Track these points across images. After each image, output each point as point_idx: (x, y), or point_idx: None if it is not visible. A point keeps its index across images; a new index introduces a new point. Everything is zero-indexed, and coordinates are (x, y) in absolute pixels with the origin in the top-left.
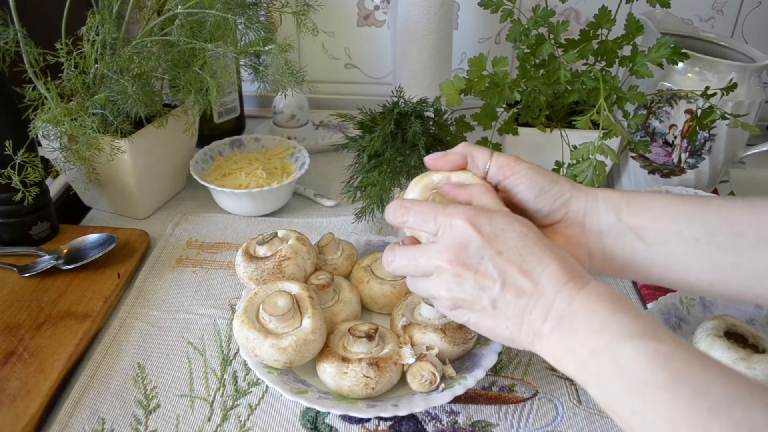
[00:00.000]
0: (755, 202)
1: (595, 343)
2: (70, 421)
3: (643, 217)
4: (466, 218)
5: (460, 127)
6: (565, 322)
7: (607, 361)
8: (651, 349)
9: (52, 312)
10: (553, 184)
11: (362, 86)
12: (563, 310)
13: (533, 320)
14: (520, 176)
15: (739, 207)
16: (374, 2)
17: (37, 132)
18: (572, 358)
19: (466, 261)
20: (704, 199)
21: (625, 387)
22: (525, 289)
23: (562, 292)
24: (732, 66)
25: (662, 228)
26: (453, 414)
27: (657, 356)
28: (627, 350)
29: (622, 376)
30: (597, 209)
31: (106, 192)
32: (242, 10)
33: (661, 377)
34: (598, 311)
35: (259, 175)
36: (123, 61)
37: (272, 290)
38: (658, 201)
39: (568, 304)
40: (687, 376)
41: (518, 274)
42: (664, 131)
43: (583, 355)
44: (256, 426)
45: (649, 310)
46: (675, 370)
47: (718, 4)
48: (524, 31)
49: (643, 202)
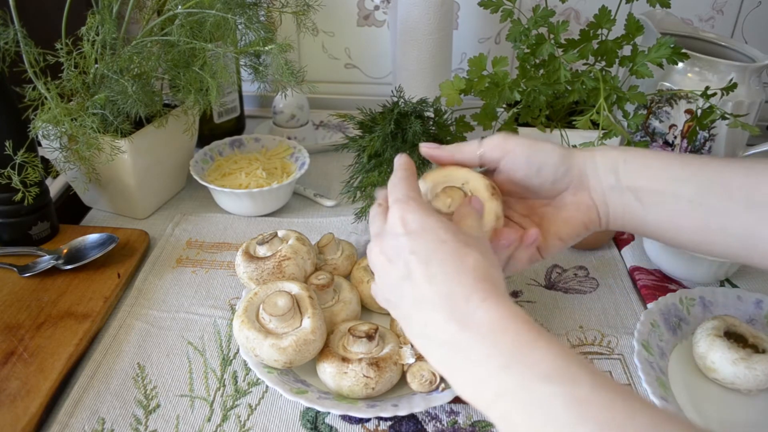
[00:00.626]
0: (752, 165)
1: (499, 383)
2: (70, 421)
3: (640, 177)
4: (398, 213)
5: (460, 127)
6: (462, 351)
7: (515, 408)
8: (567, 395)
9: (52, 312)
10: (547, 156)
11: (362, 86)
12: (458, 335)
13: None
14: (513, 156)
15: (735, 169)
16: (374, 2)
17: (37, 132)
18: (476, 395)
19: (386, 251)
20: (702, 161)
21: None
22: (424, 295)
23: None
24: (732, 66)
25: (658, 189)
26: (453, 414)
27: (574, 404)
28: (538, 396)
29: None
30: (596, 171)
31: (106, 192)
32: (242, 10)
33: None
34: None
35: (259, 175)
36: (123, 61)
37: (272, 290)
38: (657, 159)
39: (462, 330)
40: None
41: (422, 278)
42: (664, 131)
43: (487, 394)
44: (256, 426)
45: (649, 310)
46: (598, 421)
47: (718, 4)
48: (524, 31)
49: (640, 161)
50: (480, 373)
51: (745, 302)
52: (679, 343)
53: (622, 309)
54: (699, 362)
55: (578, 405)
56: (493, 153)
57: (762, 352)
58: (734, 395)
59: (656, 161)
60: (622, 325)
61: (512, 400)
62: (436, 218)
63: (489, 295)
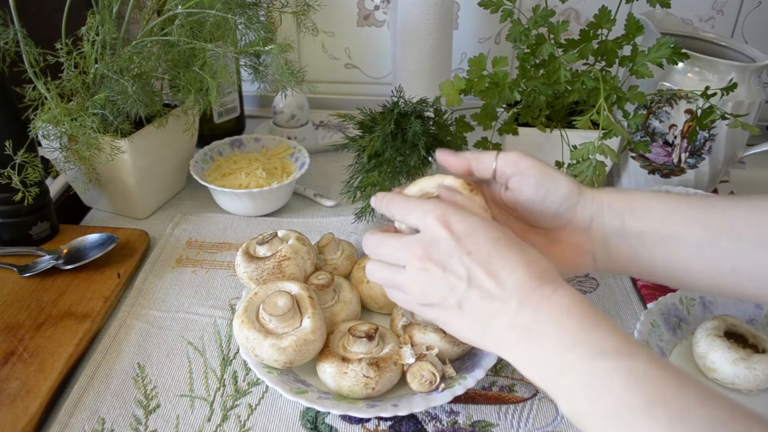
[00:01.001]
0: (758, 203)
1: (564, 360)
2: (70, 421)
3: (646, 221)
4: (439, 215)
5: (460, 127)
6: (533, 334)
7: (577, 381)
8: (624, 369)
9: (52, 312)
10: (558, 187)
11: (362, 86)
12: (530, 320)
13: (498, 326)
14: (525, 176)
15: (742, 209)
16: (374, 2)
17: (37, 132)
18: (541, 373)
19: (434, 257)
20: (708, 202)
21: (597, 410)
22: (491, 291)
23: (530, 299)
24: (732, 66)
25: (665, 233)
26: (453, 414)
27: (631, 376)
28: (598, 369)
29: (594, 397)
30: (602, 215)
31: (106, 192)
32: (242, 10)
33: (636, 401)
34: (568, 324)
35: (259, 175)
36: (123, 61)
37: (272, 290)
38: (662, 203)
39: (536, 314)
40: (664, 399)
41: (484, 276)
42: (664, 131)
43: (551, 371)
44: (256, 426)
45: (649, 310)
46: (650, 392)
47: (718, 4)
48: (524, 31)
49: (645, 205)
50: (548, 352)
51: (745, 302)
52: (679, 343)
53: (622, 309)
54: (699, 362)
55: (634, 377)
56: (506, 168)
57: (762, 352)
58: (734, 395)
59: (661, 205)
60: (622, 325)
61: (575, 375)
62: (478, 218)
63: (560, 285)
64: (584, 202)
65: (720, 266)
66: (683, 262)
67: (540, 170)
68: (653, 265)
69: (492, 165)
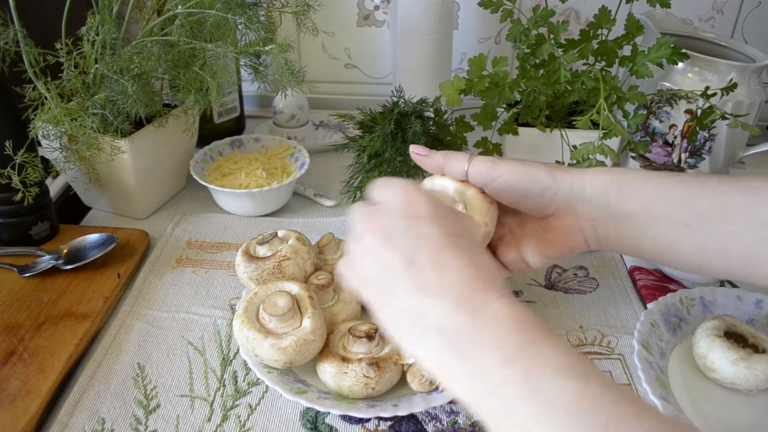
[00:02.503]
0: (750, 184)
1: (501, 375)
2: (70, 421)
3: (635, 202)
4: (405, 194)
5: (460, 127)
6: (465, 341)
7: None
8: (578, 390)
9: (52, 312)
10: (533, 183)
11: (362, 86)
12: (464, 324)
13: (427, 326)
14: (500, 183)
15: (734, 190)
16: (374, 2)
17: (37, 132)
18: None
19: (386, 229)
20: (699, 182)
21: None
22: (429, 281)
23: (468, 302)
24: (732, 66)
25: (654, 214)
26: (453, 414)
27: (585, 398)
28: (547, 388)
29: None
30: (585, 197)
31: (106, 192)
32: (242, 10)
33: (590, 423)
34: (510, 334)
35: (259, 175)
36: (123, 61)
37: (272, 290)
38: (652, 183)
39: (472, 319)
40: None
41: (428, 264)
42: (664, 131)
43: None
44: (256, 426)
45: (649, 310)
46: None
47: (718, 4)
48: (524, 31)
49: (634, 185)
50: (480, 365)
51: (745, 302)
52: (679, 343)
53: (622, 309)
54: (699, 362)
55: (589, 400)
56: (478, 179)
57: (762, 352)
58: (734, 395)
59: (651, 185)
60: (622, 325)
61: (514, 392)
62: (450, 208)
63: (506, 293)
64: (563, 188)
65: (709, 247)
66: (672, 242)
67: (513, 173)
68: (641, 245)
69: (463, 169)
